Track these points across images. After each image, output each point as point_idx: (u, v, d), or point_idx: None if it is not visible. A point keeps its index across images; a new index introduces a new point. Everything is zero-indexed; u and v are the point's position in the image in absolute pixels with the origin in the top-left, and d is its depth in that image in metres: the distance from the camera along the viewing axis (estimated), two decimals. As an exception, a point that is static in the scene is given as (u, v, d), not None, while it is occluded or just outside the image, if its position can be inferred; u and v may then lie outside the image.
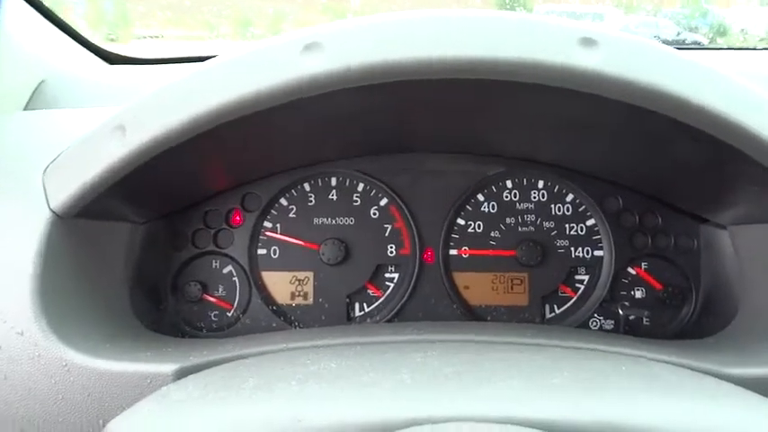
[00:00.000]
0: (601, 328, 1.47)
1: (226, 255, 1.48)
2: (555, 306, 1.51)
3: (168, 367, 0.85)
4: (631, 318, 1.45)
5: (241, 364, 0.84)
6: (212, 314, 1.47)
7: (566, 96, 0.83)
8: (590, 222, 1.49)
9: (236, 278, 1.48)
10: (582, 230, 1.49)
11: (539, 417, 0.61)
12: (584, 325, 1.47)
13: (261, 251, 1.49)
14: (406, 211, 1.44)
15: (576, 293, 1.50)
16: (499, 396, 0.65)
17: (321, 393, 0.67)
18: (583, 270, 1.50)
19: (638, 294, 1.48)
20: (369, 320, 1.49)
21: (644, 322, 1.47)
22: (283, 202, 1.47)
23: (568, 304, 1.50)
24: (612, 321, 1.47)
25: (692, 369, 0.84)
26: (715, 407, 0.65)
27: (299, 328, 1.46)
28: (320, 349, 0.92)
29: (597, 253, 1.48)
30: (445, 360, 0.80)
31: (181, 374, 0.84)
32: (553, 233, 1.49)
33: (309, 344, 0.95)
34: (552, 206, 1.50)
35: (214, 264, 1.48)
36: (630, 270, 1.48)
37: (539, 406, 0.63)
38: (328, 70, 0.78)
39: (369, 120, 1.21)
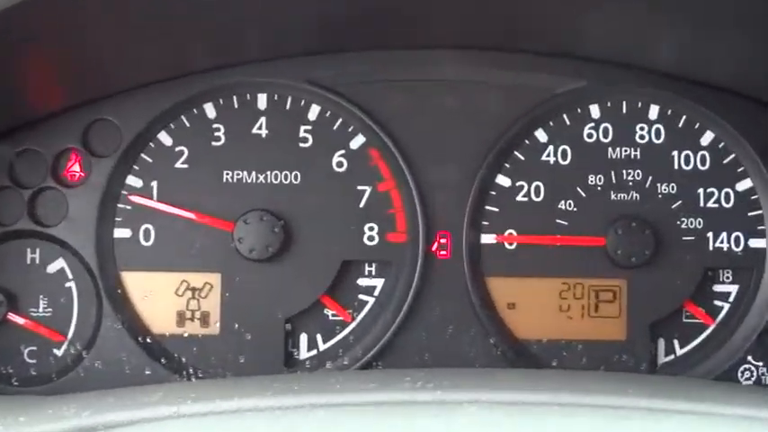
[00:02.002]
0: (759, 382, 1.45)
1: (53, 238, 1.43)
2: (675, 342, 1.48)
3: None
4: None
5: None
6: (27, 351, 1.42)
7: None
8: (743, 186, 1.46)
9: (72, 283, 1.44)
10: (728, 200, 1.47)
11: None
12: (728, 376, 1.44)
13: (121, 232, 1.45)
14: (400, 161, 1.44)
15: (714, 318, 1.48)
16: None
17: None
18: (728, 275, 1.48)
19: (830, 321, 1.40)
20: (329, 365, 1.46)
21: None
22: (164, 138, 1.47)
23: (700, 338, 1.48)
24: (780, 371, 1.40)
25: None
26: None
27: (196, 378, 1.43)
28: (243, 415, 0.91)
29: (755, 243, 1.46)
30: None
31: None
32: (675, 205, 1.47)
33: (221, 408, 0.93)
34: (675, 154, 1.47)
35: (30, 255, 1.44)
36: (816, 276, 1.39)
37: None
38: None
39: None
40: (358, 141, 1.49)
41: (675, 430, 0.93)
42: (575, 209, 1.49)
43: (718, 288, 1.51)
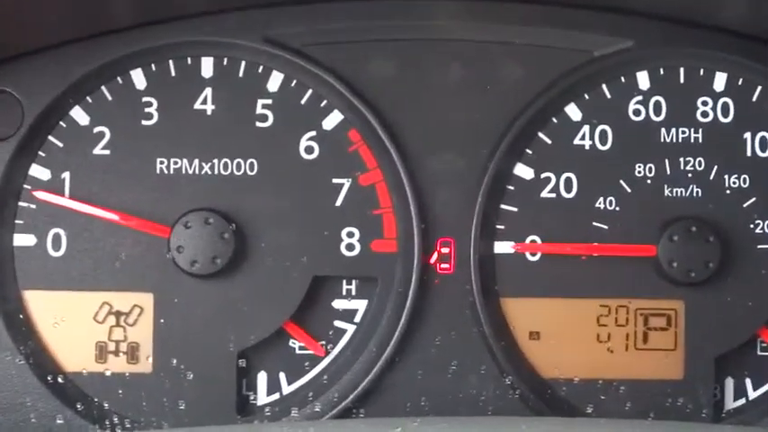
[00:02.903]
0: None
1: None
2: (747, 381, 1.50)
3: None
4: None
5: None
6: None
7: None
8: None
9: None
10: (818, 198, 1.31)
11: None
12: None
13: (23, 239, 1.45)
14: (389, 146, 1.45)
15: None
16: None
17: None
18: None
19: None
20: (296, 414, 1.45)
21: None
22: (79, 116, 1.48)
23: None
24: None
25: None
26: None
27: (122, 429, 1.43)
28: None
29: None
30: None
31: None
32: (747, 203, 1.47)
33: None
34: (748, 136, 1.48)
35: None
36: None
37: None
38: None
39: None
40: (333, 120, 1.52)
41: None
42: (617, 208, 1.52)
43: (805, 312, 1.39)
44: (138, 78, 1.51)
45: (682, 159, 1.52)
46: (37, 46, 1.48)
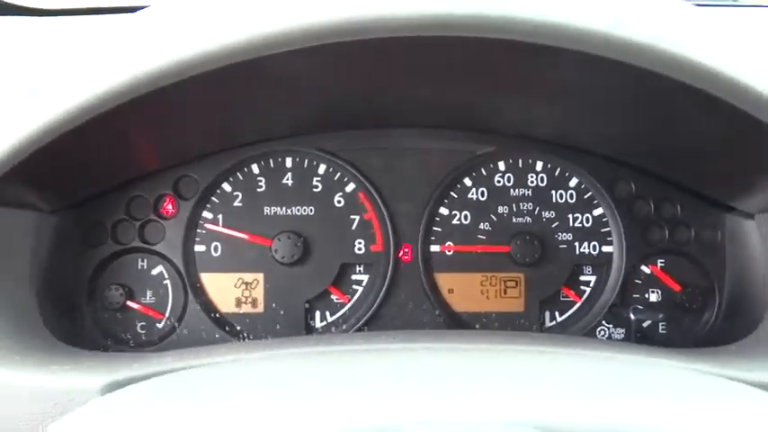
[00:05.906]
0: (610, 338, 1.65)
1: (155, 252, 1.60)
2: (556, 312, 1.72)
3: (95, 381, 0.90)
4: (645, 324, 1.61)
5: (188, 374, 0.93)
6: (139, 324, 1.62)
7: (567, 58, 0.88)
8: (597, 212, 1.66)
9: (168, 281, 1.63)
10: (588, 222, 1.66)
11: (532, 419, 0.68)
12: (590, 334, 1.65)
13: (199, 248, 1.63)
14: (377, 199, 1.66)
15: (580, 297, 1.70)
16: (490, 398, 0.74)
17: (290, 400, 0.78)
18: (589, 269, 1.70)
19: (654, 297, 1.65)
20: (334, 330, 1.65)
21: (660, 330, 1.64)
22: (226, 187, 1.66)
23: (572, 310, 1.70)
24: (623, 330, 1.65)
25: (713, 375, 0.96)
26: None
27: (248, 340, 1.59)
28: (279, 358, 1.06)
29: (606, 249, 1.65)
30: (427, 364, 0.89)
31: (110, 390, 0.88)
32: (554, 225, 1.68)
33: (272, 354, 1.06)
34: (553, 192, 1.68)
35: (140, 263, 1.60)
36: (644, 269, 1.66)
37: (534, 408, 0.70)
38: (283, 28, 0.85)
39: (331, 87, 1.27)
40: (351, 187, 1.66)
41: (553, 361, 1.02)
42: (490, 228, 1.67)
43: (582, 278, 1.69)
44: (255, 168, 1.66)
45: (521, 204, 1.67)
46: (206, 152, 1.59)
